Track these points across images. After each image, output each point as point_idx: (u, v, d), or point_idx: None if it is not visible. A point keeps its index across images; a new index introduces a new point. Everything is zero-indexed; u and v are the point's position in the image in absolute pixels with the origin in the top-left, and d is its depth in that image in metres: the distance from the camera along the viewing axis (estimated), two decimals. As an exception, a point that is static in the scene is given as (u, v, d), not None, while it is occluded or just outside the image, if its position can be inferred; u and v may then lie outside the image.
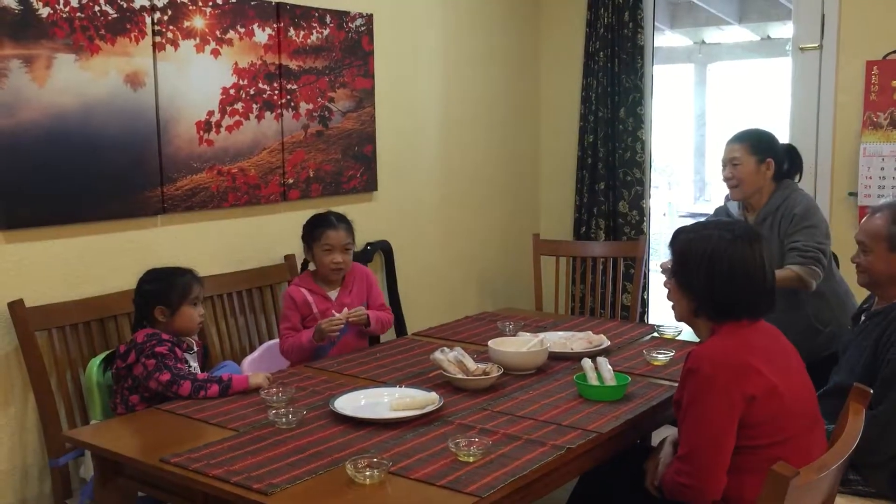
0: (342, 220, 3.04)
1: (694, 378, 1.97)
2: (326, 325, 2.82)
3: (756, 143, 3.12)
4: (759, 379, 1.93)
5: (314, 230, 3.00)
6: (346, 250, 3.00)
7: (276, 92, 3.47)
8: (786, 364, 2.05)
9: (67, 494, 2.77)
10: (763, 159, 3.09)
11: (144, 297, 2.61)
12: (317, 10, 3.61)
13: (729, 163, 3.13)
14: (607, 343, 2.89)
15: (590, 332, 2.97)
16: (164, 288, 2.59)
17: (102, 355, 2.72)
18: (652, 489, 2.18)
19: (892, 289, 2.44)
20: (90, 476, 2.49)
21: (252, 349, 3.28)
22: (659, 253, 6.86)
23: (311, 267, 3.16)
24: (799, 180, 3.21)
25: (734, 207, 3.27)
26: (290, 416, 2.20)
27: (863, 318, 2.56)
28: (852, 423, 1.88)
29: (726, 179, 3.16)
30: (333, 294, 3.02)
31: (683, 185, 12.16)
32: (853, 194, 4.08)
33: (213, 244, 3.33)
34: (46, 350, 2.78)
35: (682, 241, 2.14)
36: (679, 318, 2.21)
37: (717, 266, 2.04)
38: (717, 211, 3.36)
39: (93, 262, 2.95)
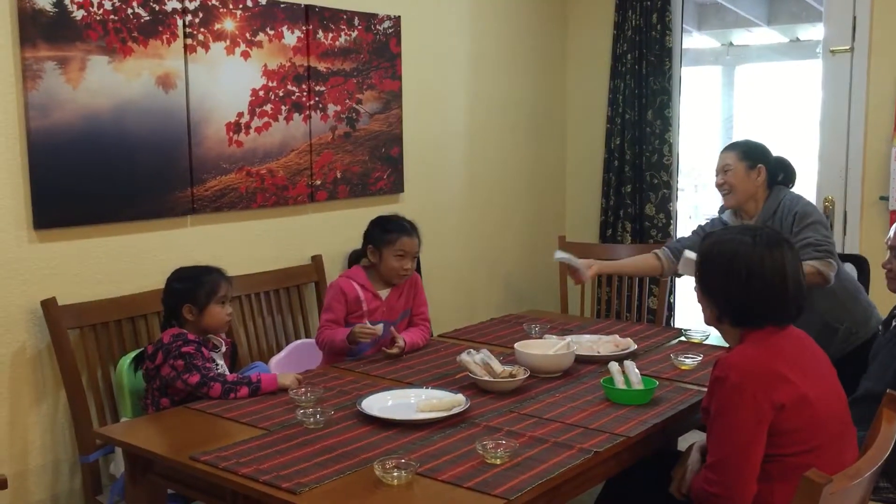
0: (415, 227, 3.01)
1: (722, 387, 1.95)
2: (359, 330, 2.81)
3: (746, 151, 3.19)
4: (788, 387, 1.91)
5: (388, 234, 2.94)
6: (414, 258, 2.99)
7: (305, 94, 3.49)
8: (816, 371, 2.03)
9: (98, 490, 2.81)
10: (754, 165, 3.14)
11: (173, 295, 2.63)
12: (345, 12, 3.63)
13: (721, 170, 3.20)
14: (634, 347, 2.88)
15: (616, 336, 2.96)
16: (192, 286, 2.61)
17: (132, 354, 2.75)
18: (679, 496, 2.17)
19: (926, 295, 2.41)
20: (120, 472, 2.52)
21: (279, 349, 3.31)
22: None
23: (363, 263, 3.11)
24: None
25: (729, 218, 3.26)
26: (318, 415, 2.21)
27: (893, 324, 2.53)
28: (885, 430, 1.86)
29: (719, 186, 3.22)
30: (384, 293, 3.01)
31: (710, 188, 12.05)
32: (884, 199, 4.03)
33: (241, 244, 3.36)
34: (78, 348, 2.82)
35: (705, 245, 2.14)
36: (707, 323, 2.20)
37: (734, 271, 2.02)
38: (714, 222, 3.34)
39: (124, 262, 2.98)
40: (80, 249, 2.87)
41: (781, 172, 3.19)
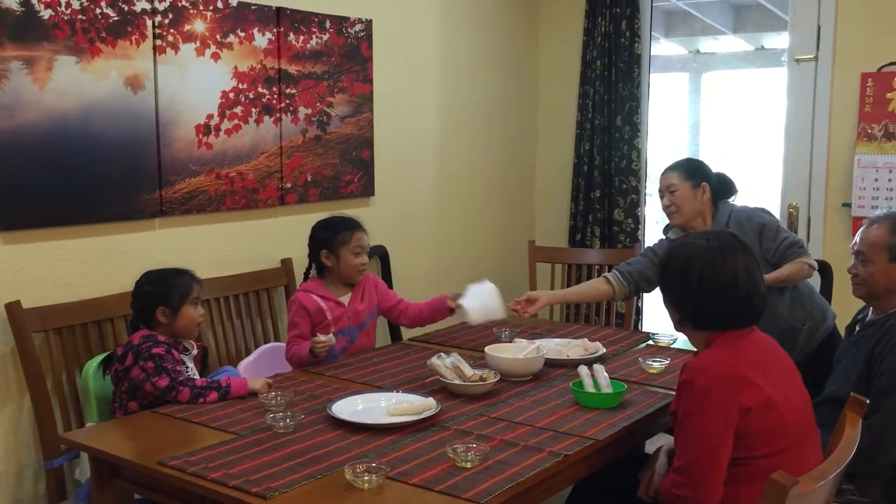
0: (360, 222, 3.06)
1: (689, 390, 1.97)
2: (314, 348, 2.80)
3: (689, 170, 3.24)
4: (754, 391, 1.94)
5: (341, 233, 2.96)
6: (367, 252, 3.04)
7: (276, 96, 3.48)
8: (781, 374, 2.06)
9: (62, 496, 2.77)
10: (698, 184, 3.20)
11: (145, 298, 2.60)
12: (316, 15, 3.63)
13: (666, 190, 3.24)
14: (603, 350, 2.90)
15: (586, 340, 2.98)
16: (164, 289, 2.58)
17: (100, 357, 2.72)
18: (646, 498, 2.19)
19: (890, 300, 2.45)
20: (85, 478, 2.49)
21: (248, 352, 3.29)
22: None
23: (315, 272, 3.12)
24: None
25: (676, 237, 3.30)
26: (288, 419, 2.20)
27: (857, 328, 2.58)
28: (849, 433, 1.89)
29: (665, 208, 3.26)
30: (345, 299, 3.01)
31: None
32: (847, 205, 4.11)
33: (210, 248, 3.34)
34: (43, 351, 2.78)
35: (666, 249, 2.18)
36: (675, 328, 2.23)
37: (688, 275, 2.06)
38: (661, 243, 3.37)
39: (91, 264, 2.95)
40: (46, 251, 2.83)
41: (722, 187, 3.26)
